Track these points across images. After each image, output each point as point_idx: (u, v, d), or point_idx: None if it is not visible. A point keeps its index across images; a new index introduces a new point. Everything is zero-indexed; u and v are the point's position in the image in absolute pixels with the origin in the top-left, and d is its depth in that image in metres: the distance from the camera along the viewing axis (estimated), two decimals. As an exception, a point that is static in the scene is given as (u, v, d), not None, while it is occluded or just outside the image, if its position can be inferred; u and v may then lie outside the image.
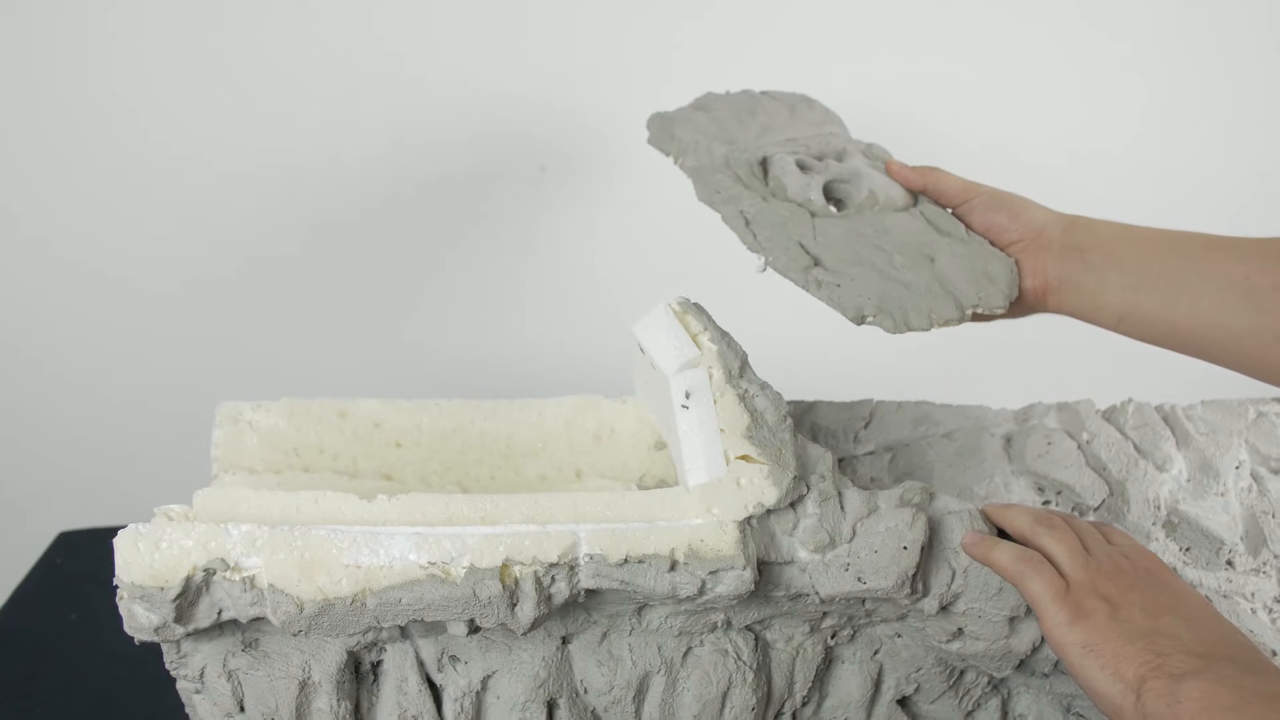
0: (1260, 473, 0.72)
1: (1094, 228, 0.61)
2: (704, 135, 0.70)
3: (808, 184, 0.67)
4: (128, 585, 0.49)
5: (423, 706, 0.57)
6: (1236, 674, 0.43)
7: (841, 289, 0.59)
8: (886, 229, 0.65)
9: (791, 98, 0.78)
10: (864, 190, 0.67)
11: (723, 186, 0.65)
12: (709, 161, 0.68)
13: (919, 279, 0.61)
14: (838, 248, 0.62)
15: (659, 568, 0.51)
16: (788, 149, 0.70)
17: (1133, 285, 0.58)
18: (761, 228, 0.62)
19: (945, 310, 0.60)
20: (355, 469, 0.67)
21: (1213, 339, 0.56)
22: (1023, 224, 0.63)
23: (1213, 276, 0.56)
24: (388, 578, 0.50)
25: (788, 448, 0.56)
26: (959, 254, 0.63)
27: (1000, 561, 0.52)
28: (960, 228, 0.66)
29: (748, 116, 0.73)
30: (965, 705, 0.65)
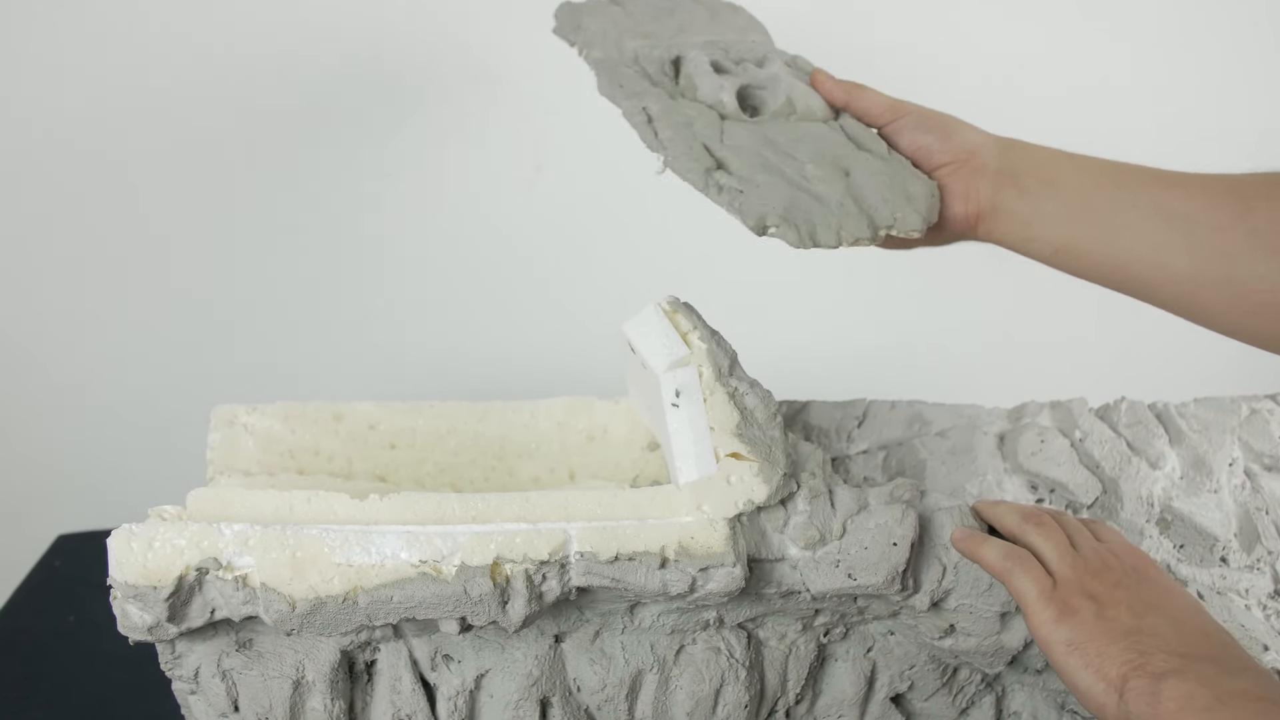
0: (1253, 469, 0.72)
1: (1033, 153, 0.57)
2: (615, 28, 0.66)
3: (720, 86, 0.63)
4: (121, 585, 0.50)
5: (416, 706, 0.58)
6: (1216, 674, 0.43)
7: (745, 195, 0.55)
8: (801, 138, 0.61)
9: (715, 2, 0.73)
10: (781, 97, 0.63)
11: (627, 81, 0.61)
12: (617, 55, 0.64)
13: (831, 193, 0.57)
14: (745, 153, 0.58)
15: (649, 565, 0.51)
16: (705, 50, 0.65)
17: (1071, 217, 0.55)
18: (664, 126, 0.58)
19: (856, 228, 0.56)
20: (350, 471, 0.68)
21: (1151, 279, 0.54)
22: (954, 146, 0.59)
23: (1157, 214, 0.53)
24: (379, 576, 0.50)
25: (778, 445, 0.56)
26: (877, 171, 0.59)
27: (988, 558, 0.52)
28: (882, 145, 0.62)
29: (665, 15, 0.69)
30: (959, 703, 0.65)
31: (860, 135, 0.63)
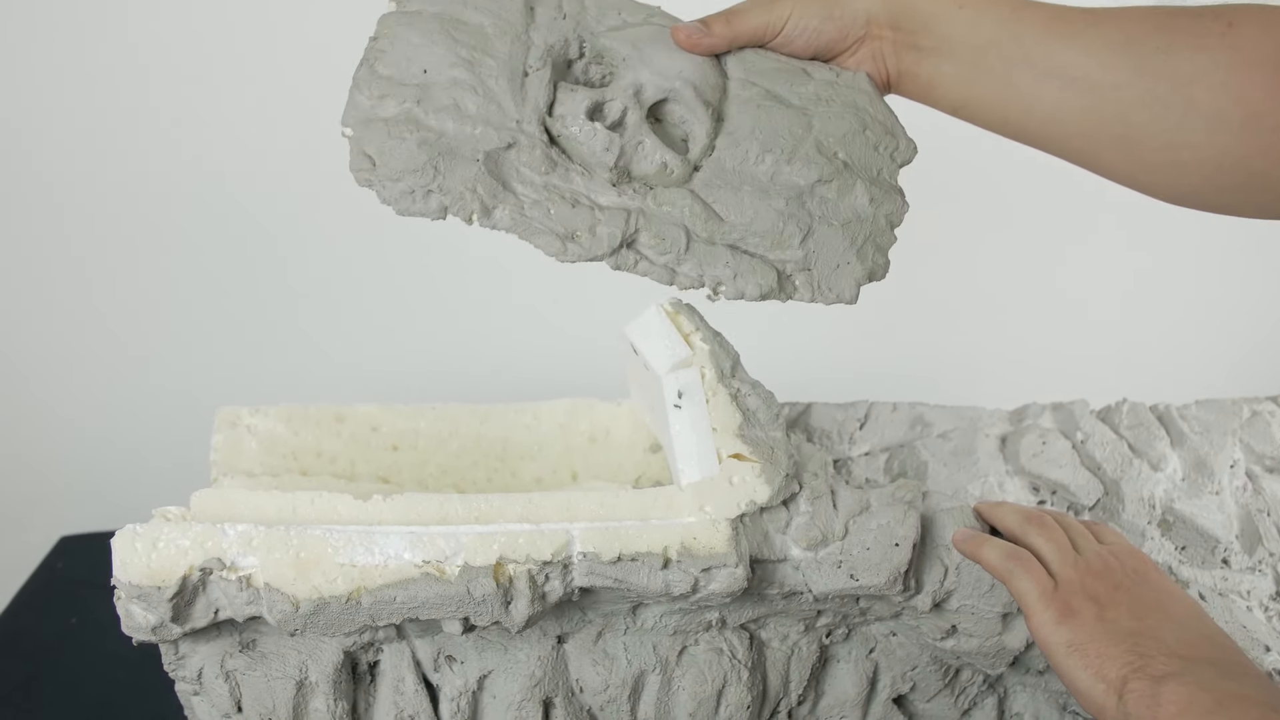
0: (1255, 471, 0.72)
1: (923, 7, 0.55)
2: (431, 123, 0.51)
3: (637, 140, 0.52)
4: (125, 585, 0.50)
5: (419, 706, 0.58)
6: (1216, 678, 0.43)
7: (829, 276, 0.53)
8: (759, 149, 0.54)
9: None
10: (694, 107, 0.53)
11: (572, 222, 0.50)
12: (459, 180, 0.49)
13: (850, 195, 0.54)
14: (761, 218, 0.53)
15: (652, 566, 0.52)
16: (540, 81, 0.52)
17: (968, 78, 0.54)
18: (672, 253, 0.51)
19: (895, 205, 0.55)
20: (353, 472, 0.68)
21: (1048, 135, 0.54)
22: (846, 23, 0.56)
23: (1052, 73, 0.52)
24: (382, 576, 0.50)
25: (780, 446, 0.56)
26: (840, 125, 0.55)
27: (989, 559, 0.52)
28: (805, 81, 0.56)
29: (444, 40, 0.53)
30: (961, 704, 0.65)
31: (781, 89, 0.56)
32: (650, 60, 0.54)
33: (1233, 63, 0.48)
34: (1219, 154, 0.49)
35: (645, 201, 0.52)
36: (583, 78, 0.55)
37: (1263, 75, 0.48)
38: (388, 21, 0.53)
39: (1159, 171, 0.51)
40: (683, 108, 0.54)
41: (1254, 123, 0.48)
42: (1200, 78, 0.49)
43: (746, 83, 0.56)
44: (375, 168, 0.50)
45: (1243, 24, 0.49)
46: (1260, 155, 0.48)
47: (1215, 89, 0.48)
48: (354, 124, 0.51)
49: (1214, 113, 0.48)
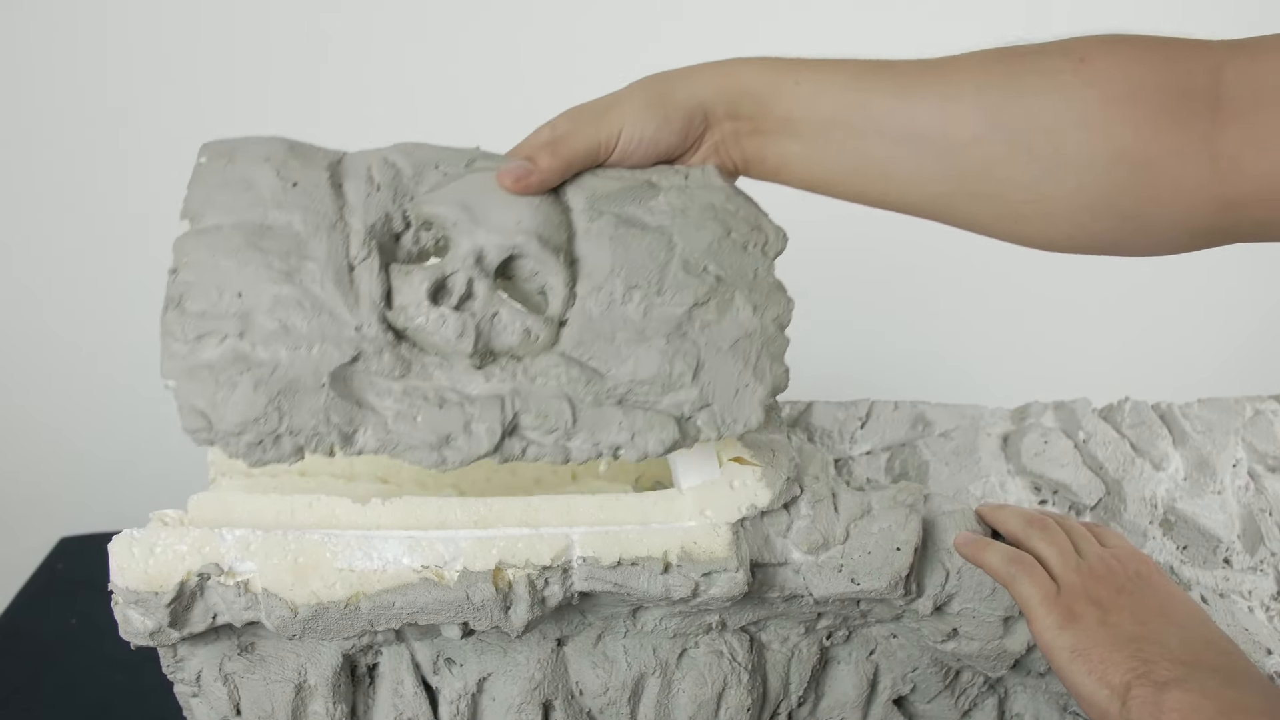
0: (1257, 471, 0.72)
1: (757, 90, 0.51)
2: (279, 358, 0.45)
3: (491, 312, 0.47)
4: (122, 590, 0.50)
5: (418, 709, 0.58)
6: (1219, 685, 0.43)
7: (730, 406, 0.49)
8: (624, 287, 0.50)
9: (270, 187, 0.49)
10: (544, 258, 0.49)
11: (443, 425, 0.46)
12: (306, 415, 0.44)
13: (730, 310, 0.50)
14: (645, 364, 0.48)
15: (652, 570, 0.51)
16: (370, 272, 0.47)
17: (815, 155, 0.51)
18: (560, 429, 0.47)
19: (779, 305, 0.52)
20: (352, 473, 0.68)
21: (911, 200, 0.51)
22: (684, 123, 0.52)
23: (906, 139, 0.49)
24: (381, 581, 0.50)
25: (781, 449, 0.56)
26: (703, 236, 0.51)
27: (991, 563, 0.52)
28: (654, 193, 0.52)
29: (253, 254, 0.47)
30: (961, 705, 0.65)
31: (632, 211, 0.52)
32: (483, 218, 0.48)
33: (1091, 100, 0.46)
34: (1089, 198, 0.46)
35: (517, 380, 0.47)
36: (414, 249, 0.50)
37: (1123, 110, 0.45)
38: (185, 246, 0.47)
39: (1031, 222, 0.49)
40: (531, 261, 0.49)
41: (1121, 160, 0.45)
42: (1060, 120, 0.46)
43: (593, 212, 0.51)
44: (211, 425, 0.44)
45: (1094, 59, 0.46)
46: (1130, 194, 0.46)
47: (1077, 130, 0.46)
48: (176, 376, 0.45)
49: (1079, 155, 0.46)
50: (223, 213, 0.48)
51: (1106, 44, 0.47)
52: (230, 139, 0.51)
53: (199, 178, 0.49)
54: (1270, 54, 0.44)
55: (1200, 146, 0.44)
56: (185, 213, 0.48)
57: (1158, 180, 0.45)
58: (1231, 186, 0.44)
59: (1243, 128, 0.43)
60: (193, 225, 0.48)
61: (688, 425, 0.49)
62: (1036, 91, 0.47)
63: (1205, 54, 0.45)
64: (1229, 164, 0.44)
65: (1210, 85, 0.45)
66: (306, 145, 0.51)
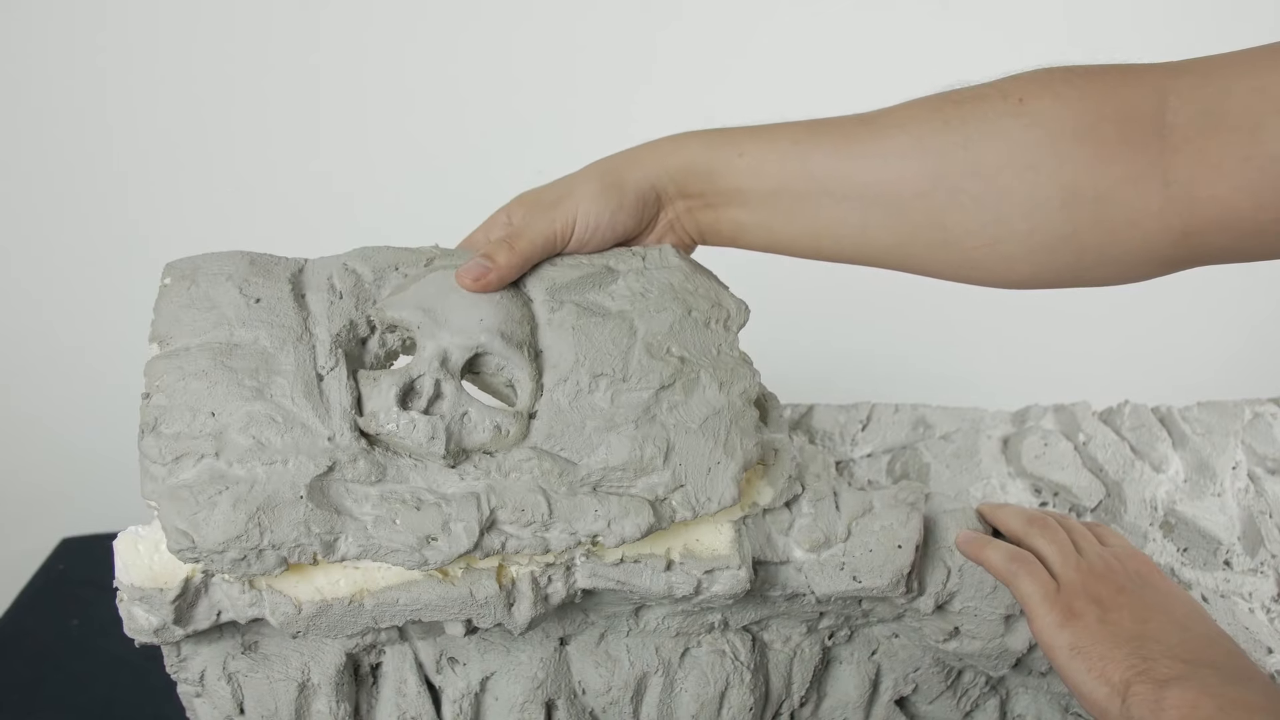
0: (1257, 473, 0.72)
1: (703, 167, 0.52)
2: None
3: (460, 412, 0.48)
4: (127, 587, 0.50)
5: (422, 708, 0.58)
6: (1220, 682, 0.43)
7: (703, 484, 0.49)
8: (589, 376, 0.50)
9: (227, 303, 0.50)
10: (508, 353, 0.50)
11: (421, 526, 0.46)
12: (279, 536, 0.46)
13: (696, 390, 0.51)
14: (616, 451, 0.49)
15: (655, 567, 0.52)
16: (338, 382, 0.48)
17: (765, 222, 0.52)
18: (537, 521, 0.48)
19: (745, 380, 0.52)
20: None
21: (865, 255, 0.51)
22: (638, 207, 0.53)
23: (852, 197, 0.49)
24: (385, 578, 0.50)
25: (783, 448, 0.56)
26: (663, 318, 0.52)
27: (992, 561, 0.52)
28: (612, 279, 0.54)
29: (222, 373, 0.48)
30: (963, 705, 0.65)
31: (594, 298, 0.53)
32: (446, 319, 0.49)
33: (1036, 142, 0.45)
34: (1047, 236, 0.46)
35: (491, 476, 0.48)
36: (381, 352, 0.52)
37: (1070, 146, 0.45)
38: (156, 370, 0.48)
39: (986, 266, 0.49)
40: (497, 358, 0.50)
41: (1073, 197, 0.45)
42: (1006, 164, 0.46)
43: (554, 302, 0.52)
44: (195, 545, 0.45)
45: (1034, 98, 0.46)
46: (1086, 229, 0.46)
47: (1025, 172, 0.45)
48: (157, 498, 0.46)
49: (1029, 196, 0.46)
50: (189, 334, 0.49)
51: (1043, 81, 0.46)
52: (191, 258, 0.52)
53: (164, 299, 0.51)
54: (1215, 77, 0.43)
55: (1152, 175, 0.44)
56: (153, 336, 0.50)
57: (1112, 213, 0.45)
58: (1187, 214, 0.44)
59: (1192, 153, 0.43)
60: (161, 348, 0.49)
61: (662, 507, 0.49)
62: (980, 139, 0.46)
63: (1147, 79, 0.45)
64: (1182, 190, 0.43)
65: (1155, 111, 0.44)
66: (266, 257, 0.53)
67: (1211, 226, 0.43)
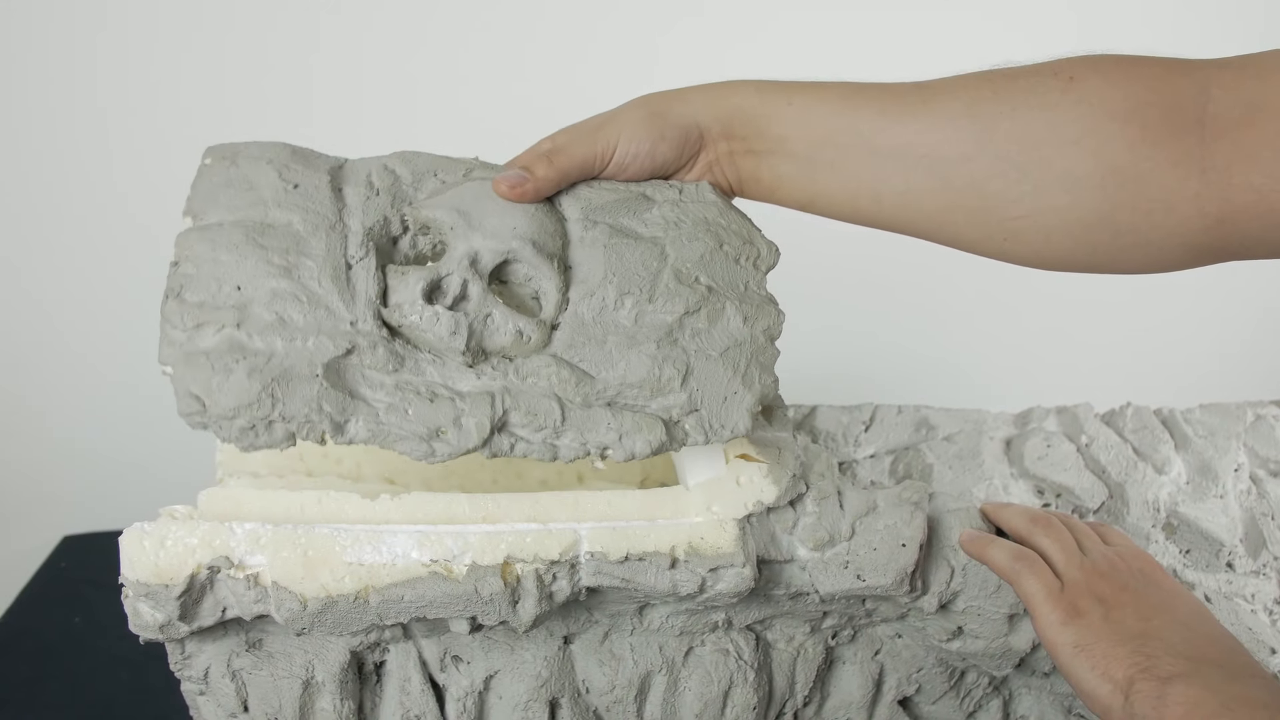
0: (1259, 475, 0.72)
1: (751, 111, 0.52)
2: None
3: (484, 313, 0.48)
4: (133, 583, 0.50)
5: (425, 706, 0.58)
6: (1223, 680, 0.43)
7: (719, 412, 0.49)
8: (616, 293, 0.51)
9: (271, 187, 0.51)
10: (537, 263, 0.50)
11: (433, 419, 0.46)
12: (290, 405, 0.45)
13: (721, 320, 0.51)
14: (635, 368, 0.49)
15: (659, 565, 0.52)
16: (366, 271, 0.49)
17: (808, 174, 0.52)
18: (549, 428, 0.48)
19: (770, 317, 0.52)
20: (359, 473, 0.68)
21: (903, 219, 0.52)
22: (679, 141, 0.53)
23: (897, 155, 0.50)
24: (390, 575, 0.50)
25: (787, 446, 0.56)
26: (695, 247, 0.52)
27: (996, 559, 0.52)
28: (648, 206, 0.54)
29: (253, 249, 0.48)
30: (967, 706, 0.65)
31: (625, 220, 0.53)
32: (479, 223, 0.50)
33: (1081, 118, 0.47)
34: (1084, 212, 0.47)
35: (508, 378, 0.48)
36: (411, 253, 0.51)
37: (1115, 126, 0.46)
38: (187, 241, 0.48)
39: (1023, 238, 0.49)
40: (525, 266, 0.50)
41: (1114, 176, 0.46)
42: (1050, 137, 0.47)
43: (587, 221, 0.52)
44: (206, 409, 0.45)
45: (1084, 78, 0.47)
46: (1125, 208, 0.47)
47: (1068, 146, 0.47)
48: (173, 362, 0.46)
49: (1071, 171, 0.47)
50: (224, 211, 0.49)
51: (1094, 63, 0.48)
52: (234, 143, 0.52)
53: (202, 177, 0.51)
54: (1256, 71, 0.45)
55: (1190, 161, 0.45)
56: (188, 210, 0.50)
57: (1150, 194, 0.46)
58: (1221, 200, 0.45)
59: (1231, 142, 0.44)
60: (195, 222, 0.49)
61: (675, 429, 0.49)
62: (1027, 109, 0.48)
63: (1192, 72, 0.46)
64: (1218, 177, 0.45)
65: (1198, 101, 0.45)
66: (308, 150, 0.53)
67: (1245, 214, 0.44)
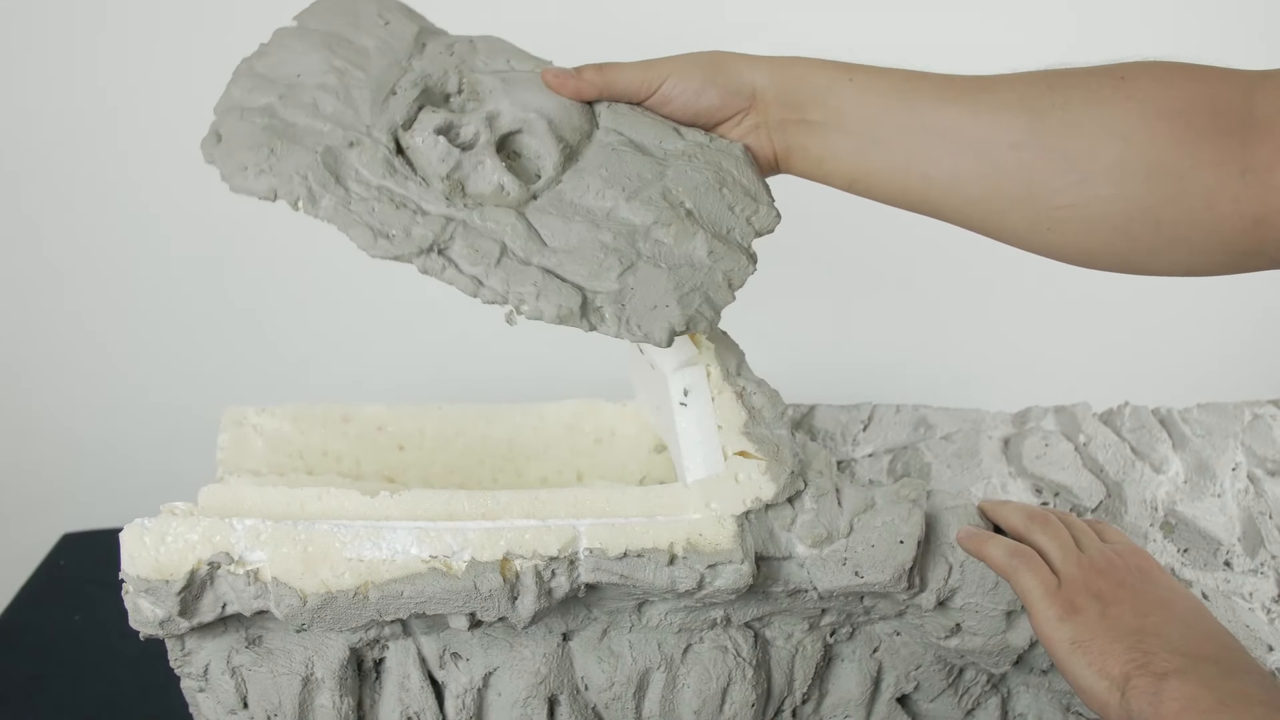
0: (1257, 474, 0.72)
1: (812, 79, 0.54)
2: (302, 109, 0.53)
3: (478, 160, 0.52)
4: (133, 579, 0.50)
5: (425, 703, 0.58)
6: (1219, 676, 0.43)
7: (643, 314, 0.51)
8: (600, 184, 0.54)
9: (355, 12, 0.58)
10: (545, 139, 0.54)
11: (390, 222, 0.51)
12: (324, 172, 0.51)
13: (688, 243, 0.53)
14: (585, 248, 0.52)
15: (658, 562, 0.52)
16: (405, 101, 0.54)
17: (861, 150, 0.53)
18: (478, 262, 0.51)
19: (737, 263, 0.53)
20: (359, 472, 0.68)
21: (946, 203, 0.53)
22: (729, 93, 0.55)
23: (948, 137, 0.51)
24: (390, 571, 0.50)
25: (785, 443, 0.56)
26: (693, 178, 0.54)
27: (993, 556, 0.53)
28: (674, 138, 0.56)
29: (323, 51, 0.55)
30: (965, 704, 0.65)
31: (645, 139, 0.56)
32: (513, 94, 0.54)
33: (1130, 114, 0.48)
34: (1128, 204, 0.48)
35: (470, 215, 0.52)
36: (457, 111, 0.55)
37: (1163, 124, 0.48)
38: (281, 33, 0.56)
39: (1066, 228, 0.50)
40: (535, 140, 0.54)
41: (1159, 171, 0.48)
42: (1100, 130, 0.48)
43: (612, 131, 0.56)
44: (219, 143, 0.52)
45: (1135, 78, 0.49)
46: (1168, 204, 0.48)
47: (1116, 140, 0.48)
48: (221, 111, 0.54)
49: (1118, 164, 0.48)
50: (321, 21, 0.57)
51: (1145, 67, 0.50)
52: None
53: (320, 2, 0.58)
54: None
55: (1232, 162, 0.47)
56: (297, 16, 0.58)
57: (1192, 192, 0.47)
58: (1260, 202, 0.46)
59: (1273, 146, 0.46)
60: (297, 24, 0.57)
61: (592, 310, 0.51)
62: (1079, 104, 0.49)
63: (1239, 78, 0.48)
64: (1258, 179, 0.46)
65: (1243, 105, 0.47)
66: (417, 12, 0.60)
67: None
